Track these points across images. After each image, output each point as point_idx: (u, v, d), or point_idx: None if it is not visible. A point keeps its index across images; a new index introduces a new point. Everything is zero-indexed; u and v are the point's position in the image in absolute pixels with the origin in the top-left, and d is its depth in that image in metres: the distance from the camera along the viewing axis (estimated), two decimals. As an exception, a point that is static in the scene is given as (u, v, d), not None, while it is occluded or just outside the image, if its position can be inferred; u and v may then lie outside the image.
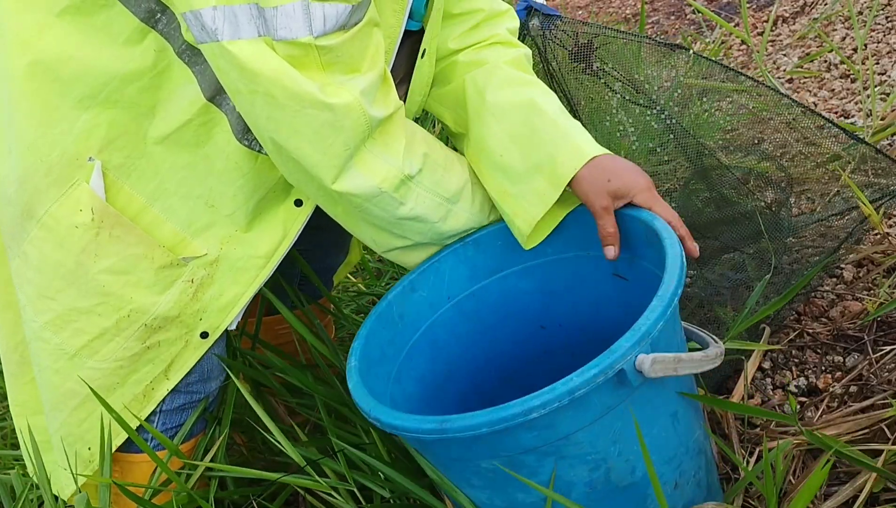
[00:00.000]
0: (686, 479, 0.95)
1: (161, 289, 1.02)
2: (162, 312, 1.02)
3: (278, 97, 0.87)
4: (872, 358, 1.24)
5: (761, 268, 1.26)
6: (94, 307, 0.99)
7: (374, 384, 1.00)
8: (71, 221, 0.97)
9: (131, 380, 1.04)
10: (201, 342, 1.07)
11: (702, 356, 0.90)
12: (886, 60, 2.21)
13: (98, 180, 0.97)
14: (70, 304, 0.99)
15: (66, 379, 1.02)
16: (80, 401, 1.03)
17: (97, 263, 0.98)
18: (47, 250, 0.98)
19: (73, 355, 1.01)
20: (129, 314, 1.01)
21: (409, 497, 1.09)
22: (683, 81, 1.30)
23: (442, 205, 1.05)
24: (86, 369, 1.02)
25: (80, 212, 0.96)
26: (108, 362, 1.02)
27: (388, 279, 1.87)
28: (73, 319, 1.00)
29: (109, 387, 1.03)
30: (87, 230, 0.97)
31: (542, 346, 1.24)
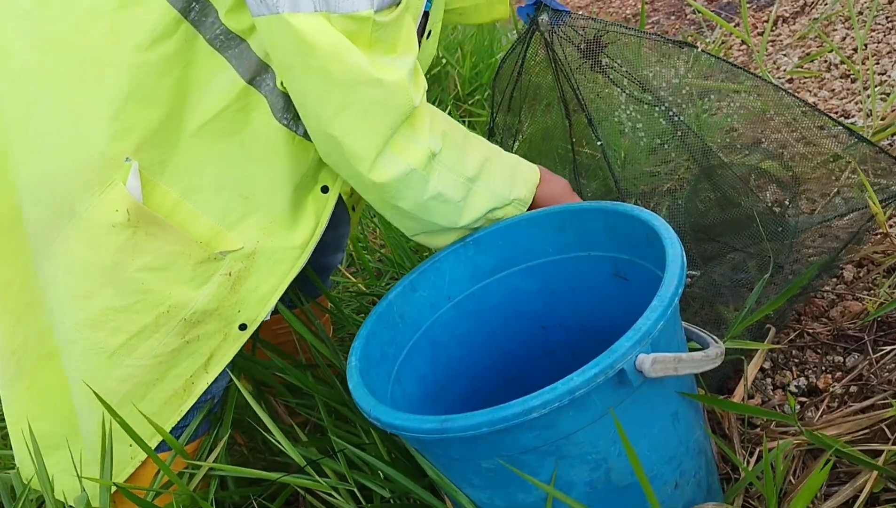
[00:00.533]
0: (686, 479, 0.95)
1: (199, 283, 1.02)
2: (201, 306, 1.02)
3: (334, 73, 0.89)
4: (872, 358, 1.24)
5: (763, 268, 1.26)
6: (132, 306, 0.99)
7: (375, 384, 1.00)
8: (107, 220, 0.96)
9: (171, 375, 1.04)
10: (240, 334, 1.07)
11: (702, 356, 0.90)
12: (886, 60, 2.21)
13: (135, 181, 0.96)
14: (107, 303, 0.98)
15: (104, 378, 1.01)
16: (119, 399, 1.03)
17: (134, 261, 0.98)
18: (82, 250, 0.97)
19: (110, 353, 1.00)
20: (168, 310, 1.00)
21: (410, 497, 1.09)
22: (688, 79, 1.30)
23: (463, 184, 1.05)
24: (124, 367, 1.01)
25: (115, 212, 0.96)
26: (146, 359, 1.01)
27: (388, 279, 1.87)
28: (109, 318, 0.99)
29: (149, 383, 1.03)
30: (124, 230, 0.96)
31: (542, 346, 1.24)
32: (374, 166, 0.96)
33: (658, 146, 1.35)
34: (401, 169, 0.98)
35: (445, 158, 1.02)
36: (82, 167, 0.95)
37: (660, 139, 1.32)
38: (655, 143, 1.34)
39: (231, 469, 1.10)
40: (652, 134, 1.31)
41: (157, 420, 1.05)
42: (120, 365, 1.01)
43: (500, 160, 1.11)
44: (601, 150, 1.23)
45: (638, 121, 1.30)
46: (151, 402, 1.04)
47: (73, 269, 0.98)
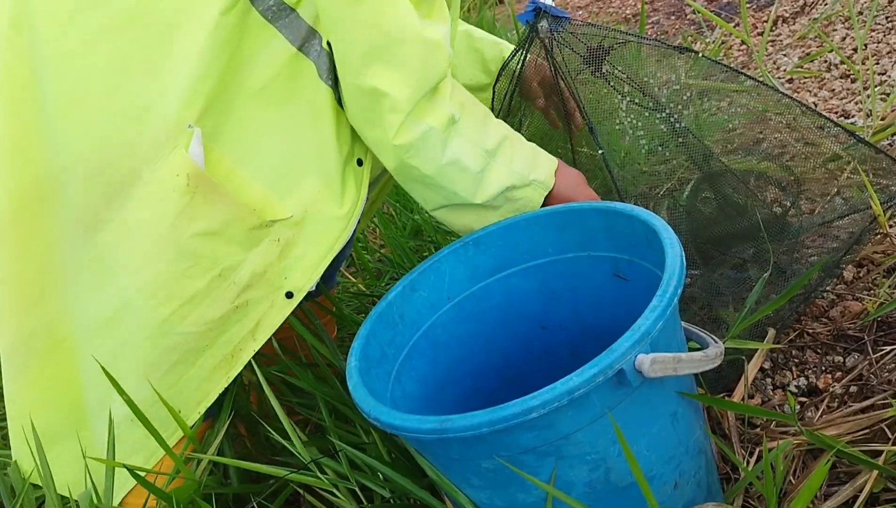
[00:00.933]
0: (686, 479, 0.95)
1: (249, 246, 1.04)
2: (249, 269, 1.04)
3: (382, 24, 0.93)
4: (872, 358, 1.24)
5: (764, 269, 1.26)
6: (187, 270, 1.01)
7: (375, 385, 1.00)
8: (169, 185, 0.99)
9: (220, 341, 1.06)
10: (287, 302, 1.08)
11: (701, 356, 0.90)
12: (886, 60, 2.21)
13: (197, 148, 0.99)
14: (163, 269, 1.01)
15: (156, 345, 1.03)
16: (170, 365, 1.04)
17: (191, 226, 1.00)
18: (145, 216, 1.00)
19: (163, 320, 1.02)
20: (220, 274, 1.03)
21: (410, 498, 1.09)
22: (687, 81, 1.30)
23: (482, 156, 1.07)
24: (174, 335, 1.03)
25: (176, 177, 0.98)
26: (197, 325, 1.03)
27: (388, 279, 1.87)
28: (164, 284, 1.01)
29: (198, 350, 1.05)
30: (183, 195, 0.99)
31: (542, 346, 1.24)
32: (402, 125, 0.99)
33: (657, 149, 1.35)
34: (421, 130, 1.01)
35: (464, 128, 1.05)
36: (150, 134, 0.98)
37: (659, 143, 1.32)
38: (654, 145, 1.34)
39: (236, 462, 1.11)
40: (652, 137, 1.31)
41: (205, 388, 1.07)
42: (170, 333, 1.03)
43: (519, 142, 1.13)
44: (602, 157, 1.23)
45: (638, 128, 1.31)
46: (201, 368, 1.06)
47: (136, 234, 1.00)
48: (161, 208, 0.99)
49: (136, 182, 0.99)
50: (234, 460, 1.12)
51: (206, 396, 1.08)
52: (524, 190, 1.12)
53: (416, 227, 2.06)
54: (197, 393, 1.07)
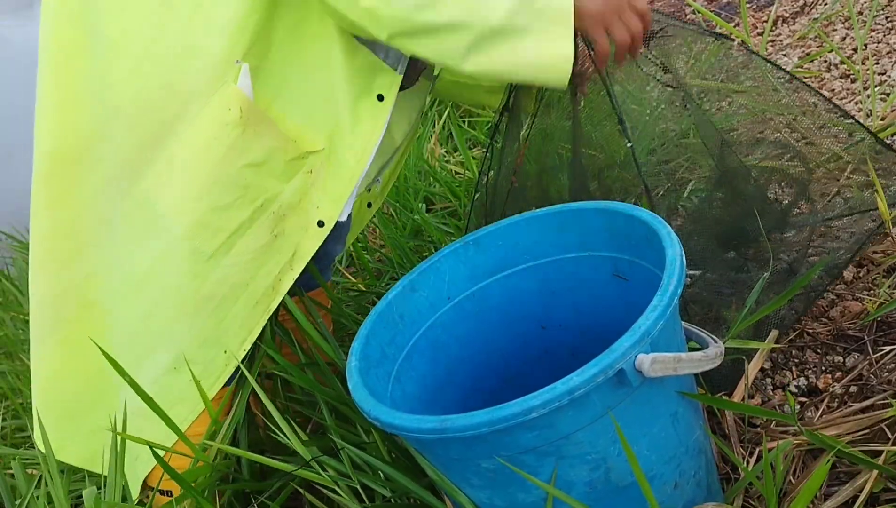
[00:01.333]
0: (686, 479, 0.95)
1: (287, 177, 1.10)
2: (287, 199, 1.10)
3: None
4: (872, 358, 1.24)
5: (765, 267, 1.26)
6: (234, 202, 1.06)
7: (375, 384, 1.00)
8: (222, 119, 1.03)
9: (262, 273, 1.10)
10: (319, 230, 1.14)
11: (701, 356, 0.90)
12: (886, 60, 2.21)
13: (246, 80, 1.05)
14: (214, 201, 1.05)
15: (203, 283, 1.07)
16: (217, 303, 1.08)
17: (241, 158, 1.05)
18: (197, 149, 1.04)
19: (210, 255, 1.06)
20: (262, 204, 1.08)
21: (410, 497, 1.09)
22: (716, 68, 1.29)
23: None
24: (221, 268, 1.07)
25: (229, 111, 1.03)
26: (242, 256, 1.08)
27: (388, 279, 1.87)
28: (214, 217, 1.05)
29: (242, 284, 1.09)
30: (235, 127, 1.04)
31: (542, 346, 1.24)
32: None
33: (656, 147, 1.34)
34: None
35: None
36: (198, 73, 1.03)
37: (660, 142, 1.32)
38: (655, 144, 1.33)
39: (243, 453, 1.12)
40: (644, 139, 1.30)
41: (248, 324, 1.11)
42: (218, 266, 1.07)
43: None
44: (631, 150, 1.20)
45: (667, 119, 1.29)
46: (245, 303, 1.10)
47: (189, 169, 1.04)
48: (214, 143, 1.03)
49: (183, 121, 1.03)
50: (241, 450, 1.13)
51: (249, 332, 1.12)
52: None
53: (416, 227, 2.06)
54: (242, 330, 1.11)
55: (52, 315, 1.13)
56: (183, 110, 1.03)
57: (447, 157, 2.51)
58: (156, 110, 1.04)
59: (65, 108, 1.07)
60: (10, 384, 1.99)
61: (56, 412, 1.18)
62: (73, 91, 1.06)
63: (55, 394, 1.16)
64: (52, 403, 1.17)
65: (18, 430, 1.91)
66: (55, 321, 1.13)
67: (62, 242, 1.11)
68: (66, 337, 1.13)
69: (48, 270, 1.12)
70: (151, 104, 1.04)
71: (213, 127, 1.04)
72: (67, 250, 1.11)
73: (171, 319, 1.09)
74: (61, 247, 1.11)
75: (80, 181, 1.08)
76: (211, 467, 1.12)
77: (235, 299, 1.10)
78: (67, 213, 1.10)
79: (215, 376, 1.11)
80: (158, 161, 1.05)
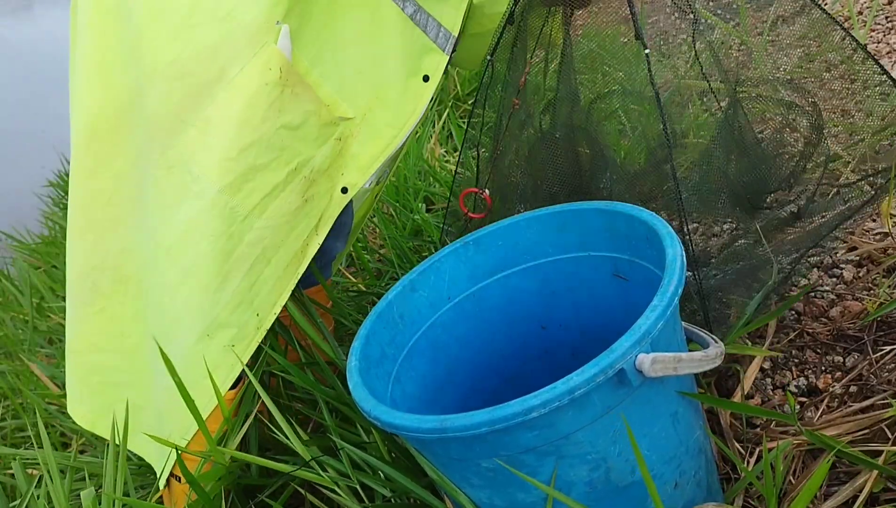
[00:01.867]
0: (686, 479, 0.95)
1: (320, 143, 1.12)
2: (317, 164, 1.12)
3: None
4: (872, 358, 1.24)
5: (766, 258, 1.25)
6: (270, 163, 1.07)
7: (375, 384, 1.00)
8: (262, 79, 1.05)
9: (292, 236, 1.12)
10: (342, 196, 1.16)
11: (702, 356, 0.90)
12: (886, 60, 2.21)
13: (286, 41, 1.07)
14: (251, 161, 1.06)
15: (237, 244, 1.08)
16: (250, 264, 1.10)
17: (279, 118, 1.07)
18: (237, 109, 1.05)
19: (245, 216, 1.07)
20: (296, 167, 1.10)
21: (410, 497, 1.09)
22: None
23: None
24: (255, 229, 1.08)
25: (269, 71, 1.05)
26: (274, 218, 1.09)
27: (388, 279, 1.87)
28: (250, 177, 1.07)
29: (274, 246, 1.11)
30: (275, 88, 1.06)
31: (542, 346, 1.24)
32: None
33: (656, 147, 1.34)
34: None
35: None
36: (242, 32, 1.04)
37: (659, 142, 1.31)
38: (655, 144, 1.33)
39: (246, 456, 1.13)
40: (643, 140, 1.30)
41: (279, 287, 1.13)
42: (252, 227, 1.08)
43: None
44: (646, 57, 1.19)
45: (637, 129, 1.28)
46: (277, 265, 1.11)
47: (228, 128, 1.05)
48: (254, 102, 1.05)
49: (221, 81, 1.05)
50: (241, 453, 1.14)
51: (280, 295, 1.13)
52: None
53: (416, 227, 2.06)
54: (272, 293, 1.12)
55: (89, 287, 1.16)
56: (222, 73, 1.05)
57: (447, 157, 2.52)
58: (194, 74, 1.05)
59: (102, 77, 1.10)
60: (10, 384, 1.99)
61: (93, 385, 1.21)
62: (110, 59, 1.09)
63: (92, 365, 1.20)
64: (89, 375, 1.20)
65: (18, 430, 1.91)
66: (92, 293, 1.16)
67: (100, 211, 1.14)
68: (102, 308, 1.17)
69: (86, 239, 1.15)
70: (190, 68, 1.05)
71: (254, 86, 1.05)
72: (105, 220, 1.14)
73: (204, 285, 1.09)
74: (101, 216, 1.14)
75: (116, 151, 1.11)
76: (224, 468, 1.12)
77: (268, 261, 1.11)
78: (105, 183, 1.13)
79: (248, 339, 1.12)
80: (194, 125, 1.06)
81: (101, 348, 1.18)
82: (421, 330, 1.14)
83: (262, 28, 1.05)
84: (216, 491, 1.13)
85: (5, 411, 1.99)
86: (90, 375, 1.21)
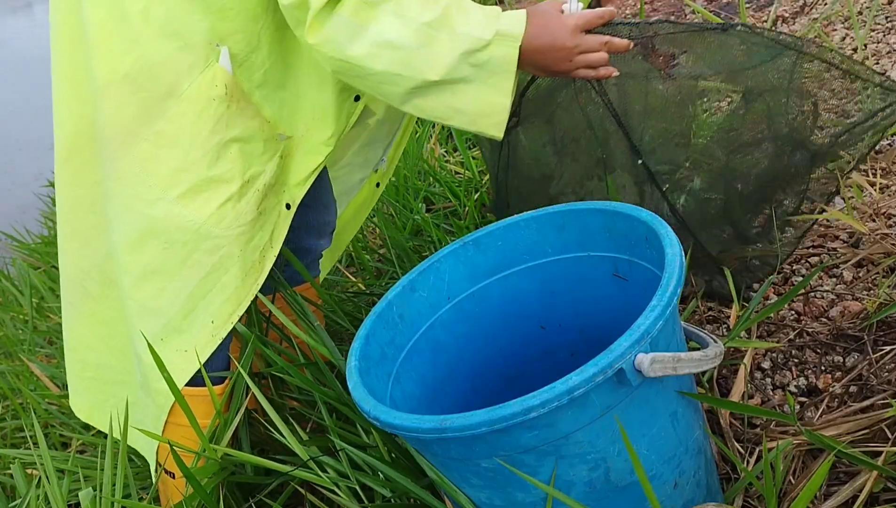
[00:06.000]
0: (686, 479, 0.95)
1: (267, 158, 1.17)
2: (267, 179, 1.16)
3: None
4: (872, 358, 1.24)
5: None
6: (223, 174, 1.12)
7: (374, 385, 1.00)
8: (209, 94, 1.10)
9: (250, 247, 1.16)
10: (287, 212, 1.21)
11: (701, 356, 0.90)
12: (886, 60, 2.21)
13: (226, 60, 1.11)
14: (203, 173, 1.10)
15: (193, 250, 1.11)
16: (206, 272, 1.13)
17: (228, 132, 1.11)
18: (187, 123, 1.10)
19: (201, 224, 1.11)
20: (249, 179, 1.14)
21: (410, 497, 1.09)
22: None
23: (419, 30, 1.02)
24: (213, 237, 1.11)
25: (216, 87, 1.10)
26: (231, 229, 1.12)
27: (388, 279, 1.87)
28: (204, 188, 1.11)
29: (233, 255, 1.13)
30: (221, 103, 1.10)
31: (542, 346, 1.24)
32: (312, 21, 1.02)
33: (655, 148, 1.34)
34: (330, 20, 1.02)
35: (393, 7, 1.02)
36: (190, 49, 1.09)
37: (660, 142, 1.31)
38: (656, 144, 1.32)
39: (244, 456, 1.13)
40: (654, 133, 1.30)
41: (239, 293, 1.15)
42: (209, 235, 1.11)
43: (470, 7, 1.07)
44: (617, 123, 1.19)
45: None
46: (235, 275, 1.14)
47: (180, 141, 1.10)
48: (203, 115, 1.09)
49: (172, 96, 1.09)
50: (240, 452, 1.14)
51: (238, 304, 1.15)
52: (488, 50, 1.03)
53: (416, 227, 2.06)
54: (229, 302, 1.15)
55: (80, 291, 1.22)
56: (172, 88, 1.09)
57: (447, 157, 2.51)
58: (146, 89, 1.09)
59: (75, 91, 1.14)
60: (10, 384, 1.99)
61: (88, 380, 1.27)
62: (77, 76, 1.13)
63: (86, 363, 1.26)
64: (83, 371, 1.27)
65: (18, 430, 1.91)
66: (83, 297, 1.22)
67: (85, 218, 1.18)
68: (93, 311, 1.21)
69: (73, 246, 1.20)
70: (141, 84, 1.09)
71: (202, 101, 1.09)
72: (89, 227, 1.18)
73: (158, 289, 1.13)
74: (84, 223, 1.19)
75: (95, 161, 1.15)
76: (217, 465, 1.13)
77: (226, 269, 1.14)
78: (86, 191, 1.17)
79: (201, 345, 1.15)
80: (147, 139, 1.10)
81: (93, 347, 1.23)
82: (421, 330, 1.14)
83: (206, 47, 1.10)
84: (210, 487, 1.13)
85: (5, 411, 1.99)
86: (84, 371, 1.27)
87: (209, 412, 1.17)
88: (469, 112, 1.07)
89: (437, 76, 1.04)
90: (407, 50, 1.03)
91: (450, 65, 1.03)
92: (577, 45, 1.08)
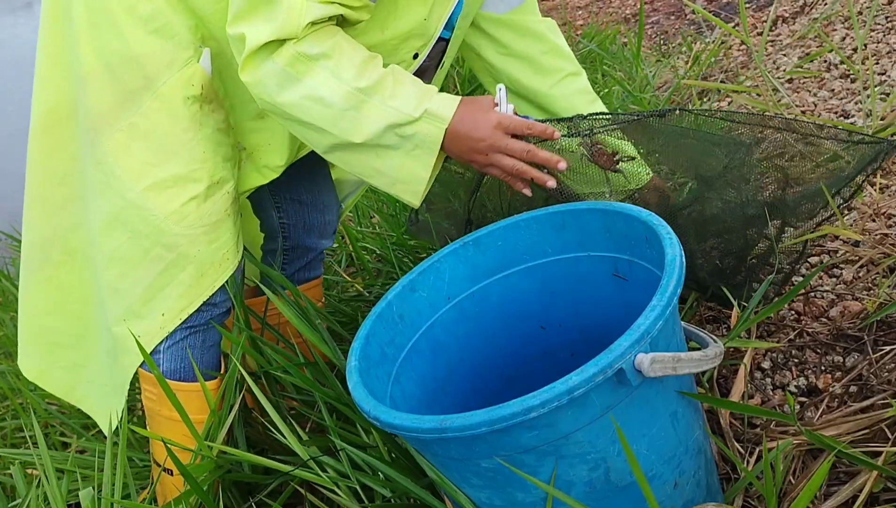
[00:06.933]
0: (686, 479, 0.95)
1: (233, 165, 1.21)
2: (232, 185, 1.19)
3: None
4: (872, 358, 1.24)
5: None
6: (192, 173, 1.14)
7: (374, 385, 1.00)
8: (184, 93, 1.13)
9: (211, 249, 1.17)
10: (239, 219, 1.24)
11: (701, 356, 0.90)
12: (886, 60, 2.21)
13: (207, 62, 1.14)
14: (173, 170, 1.13)
15: (154, 244, 1.14)
16: (164, 266, 1.15)
17: (200, 131, 1.14)
18: (160, 119, 1.12)
19: (162, 219, 1.13)
20: (218, 181, 1.17)
21: (410, 497, 1.09)
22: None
23: (352, 94, 1.04)
24: (171, 235, 1.14)
25: (192, 86, 1.13)
26: (192, 228, 1.15)
27: (387, 280, 1.87)
28: (171, 184, 1.13)
29: (190, 255, 1.15)
30: (195, 102, 1.13)
31: (542, 346, 1.24)
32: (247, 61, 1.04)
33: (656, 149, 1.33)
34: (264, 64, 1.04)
35: (330, 66, 1.04)
36: (172, 47, 1.11)
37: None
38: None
39: (243, 455, 1.13)
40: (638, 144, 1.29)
41: (193, 292, 1.17)
42: (168, 232, 1.14)
43: (406, 81, 1.09)
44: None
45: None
46: (190, 274, 1.16)
47: (152, 136, 1.12)
48: (176, 113, 1.12)
49: (148, 91, 1.11)
50: (240, 451, 1.14)
51: (189, 303, 1.17)
52: (415, 126, 1.06)
53: (415, 227, 2.05)
54: (181, 300, 1.17)
55: (40, 256, 1.24)
56: (149, 83, 1.11)
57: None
58: (123, 81, 1.11)
59: (60, 68, 1.16)
60: (10, 384, 1.99)
61: (41, 344, 1.30)
62: (59, 55, 1.16)
63: (40, 327, 1.28)
64: (37, 335, 1.29)
65: (18, 430, 1.91)
66: (42, 261, 1.24)
67: (55, 189, 1.21)
68: (50, 276, 1.24)
69: (41, 213, 1.23)
70: (120, 75, 1.11)
71: (177, 99, 1.12)
72: (59, 198, 1.22)
73: (122, 273, 1.16)
74: (54, 194, 1.21)
75: (72, 136, 1.17)
76: (213, 462, 1.14)
77: (182, 267, 1.16)
78: (59, 165, 1.19)
79: (152, 335, 1.18)
80: (121, 129, 1.12)
81: (48, 311, 1.26)
82: (420, 330, 1.14)
83: (186, 47, 1.12)
84: (206, 484, 1.13)
85: (5, 411, 1.99)
86: (38, 335, 1.30)
87: (202, 407, 1.18)
88: (389, 176, 1.11)
89: (360, 139, 1.06)
90: (336, 109, 1.05)
91: (375, 132, 1.06)
92: (494, 143, 1.09)
